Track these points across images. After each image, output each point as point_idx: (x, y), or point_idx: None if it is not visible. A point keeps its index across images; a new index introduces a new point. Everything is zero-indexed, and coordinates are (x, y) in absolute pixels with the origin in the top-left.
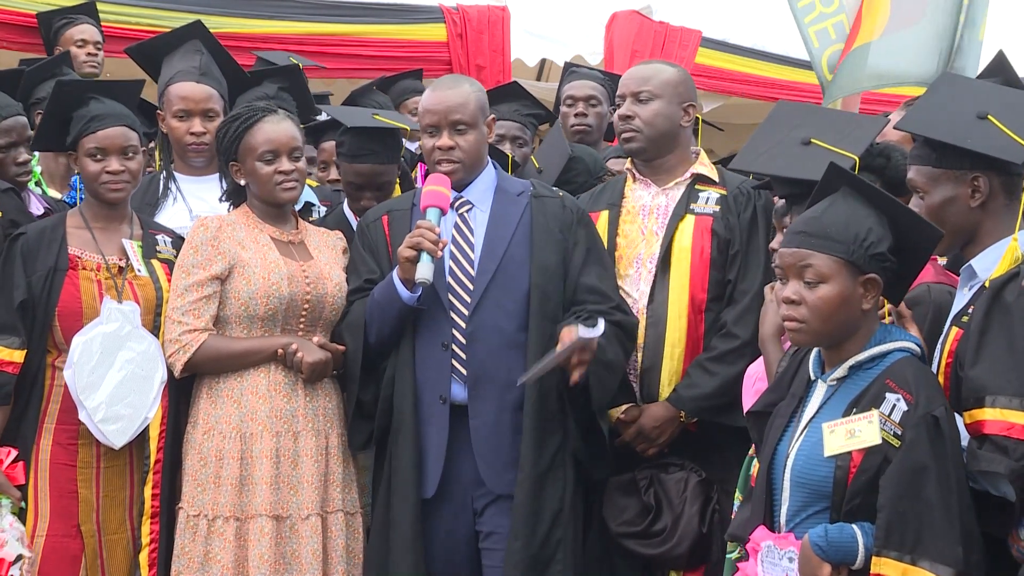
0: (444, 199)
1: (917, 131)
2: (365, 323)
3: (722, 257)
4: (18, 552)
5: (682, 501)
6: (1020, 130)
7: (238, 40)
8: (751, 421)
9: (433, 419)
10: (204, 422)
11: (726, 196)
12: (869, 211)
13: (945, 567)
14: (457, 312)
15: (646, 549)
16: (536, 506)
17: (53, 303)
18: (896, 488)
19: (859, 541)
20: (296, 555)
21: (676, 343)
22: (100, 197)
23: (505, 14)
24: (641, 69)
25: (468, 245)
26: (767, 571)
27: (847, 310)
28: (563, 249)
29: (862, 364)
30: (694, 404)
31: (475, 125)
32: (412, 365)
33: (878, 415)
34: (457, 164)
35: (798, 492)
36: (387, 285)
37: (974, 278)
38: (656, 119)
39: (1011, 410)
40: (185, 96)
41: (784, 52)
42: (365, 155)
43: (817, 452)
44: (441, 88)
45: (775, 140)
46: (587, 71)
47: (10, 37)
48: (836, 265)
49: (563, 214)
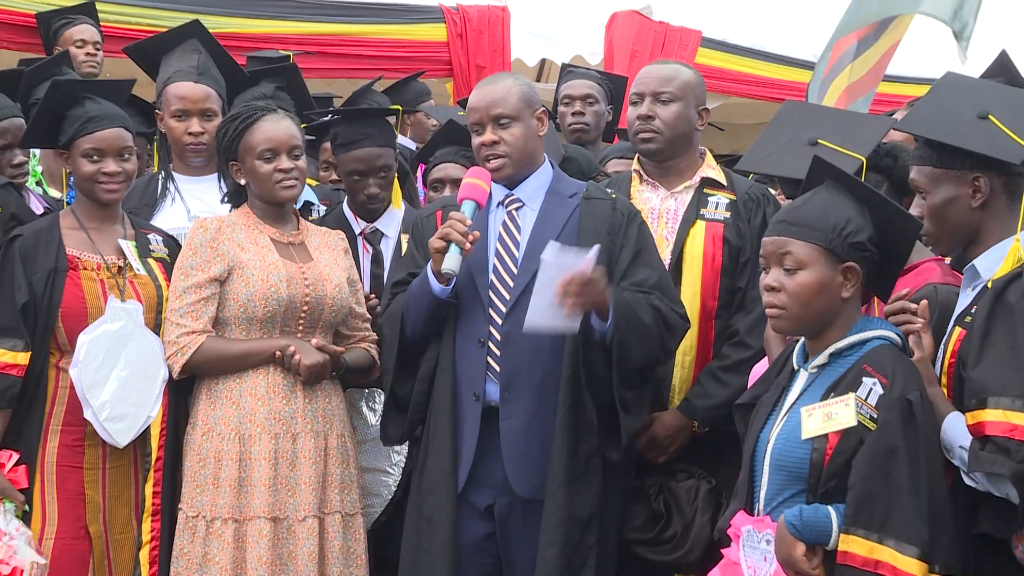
0: (481, 192)
1: (917, 132)
2: (402, 315)
3: (733, 264)
4: (32, 559)
5: (693, 509)
6: (1021, 130)
7: (238, 40)
8: (738, 413)
9: (466, 416)
10: (203, 423)
11: (736, 202)
12: (850, 202)
13: (910, 546)
14: (496, 310)
15: (657, 556)
16: (569, 512)
17: (56, 304)
18: (867, 468)
19: (833, 521)
20: (293, 556)
21: (687, 350)
22: (94, 197)
23: (505, 14)
24: (661, 69)
25: (514, 243)
26: (747, 555)
27: (826, 297)
28: (609, 252)
29: (842, 351)
30: (706, 413)
31: (519, 118)
32: (452, 361)
33: (854, 398)
34: (503, 159)
35: (776, 475)
36: (422, 278)
37: (977, 278)
38: (677, 121)
39: (1014, 411)
40: (183, 96)
41: (784, 52)
42: (361, 140)
43: (795, 435)
44: (483, 85)
45: (782, 140)
46: (584, 71)
47: (10, 37)
48: (815, 252)
49: (613, 216)
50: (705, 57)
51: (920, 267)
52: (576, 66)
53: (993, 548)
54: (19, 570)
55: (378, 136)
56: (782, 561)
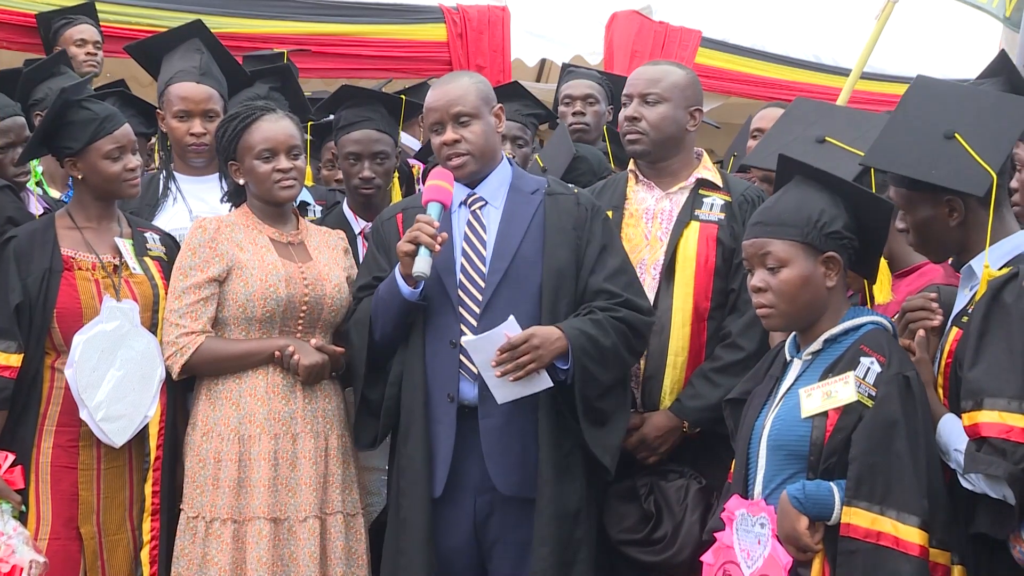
0: (446, 194)
1: (881, 166)
2: (371, 320)
3: (726, 266)
4: (31, 557)
5: (683, 509)
6: (987, 147)
7: (238, 40)
8: (727, 409)
9: (441, 418)
10: (203, 424)
11: (731, 203)
12: (821, 194)
13: (912, 516)
14: (468, 310)
15: (647, 556)
16: (558, 509)
17: (51, 305)
18: (867, 442)
19: (836, 496)
20: (294, 557)
21: (679, 351)
22: (121, 195)
23: (505, 14)
24: (650, 70)
25: (480, 242)
26: (741, 539)
27: (811, 290)
28: (576, 247)
29: (836, 337)
30: (697, 415)
31: (479, 115)
32: (422, 362)
33: (853, 377)
34: (465, 156)
35: (773, 456)
36: (390, 281)
37: (974, 278)
38: (662, 123)
39: (1010, 413)
40: (185, 96)
41: (784, 52)
42: (360, 122)
43: (794, 415)
44: (440, 85)
45: (790, 138)
46: (584, 71)
47: (10, 37)
48: (793, 248)
49: (577, 211)
50: (705, 57)
51: (923, 268)
52: (577, 66)
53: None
54: (18, 568)
55: (378, 121)
56: (784, 536)
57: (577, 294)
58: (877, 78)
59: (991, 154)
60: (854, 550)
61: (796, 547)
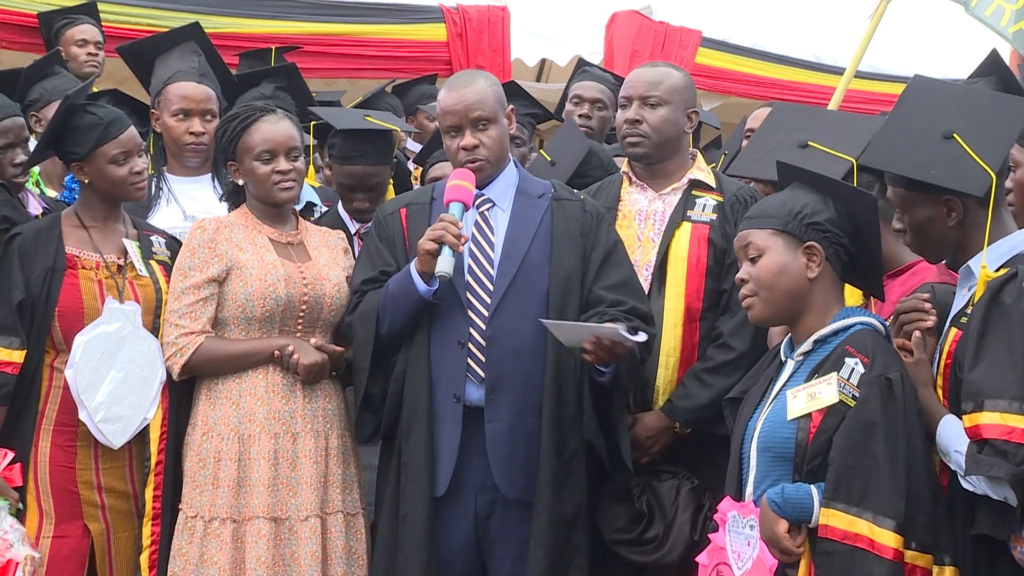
0: (468, 194)
1: (880, 166)
2: (378, 314)
3: (718, 266)
4: (25, 553)
5: (674, 508)
6: (986, 147)
7: (238, 40)
8: (728, 408)
9: (446, 418)
10: (203, 424)
11: (723, 204)
12: (811, 193)
13: (887, 519)
14: (476, 312)
15: (639, 556)
16: (556, 514)
17: (52, 303)
18: (846, 443)
19: (814, 499)
20: (295, 557)
21: (671, 352)
22: (128, 198)
23: (505, 14)
24: (649, 72)
25: (488, 244)
26: (733, 540)
27: (790, 278)
28: (582, 253)
29: (826, 338)
30: (688, 415)
31: (496, 119)
32: (427, 361)
33: (836, 378)
34: (483, 161)
35: (763, 458)
36: (404, 277)
37: (972, 278)
38: (664, 125)
39: (1011, 414)
40: (186, 96)
41: (784, 52)
42: (355, 157)
43: (781, 418)
44: (457, 87)
45: (773, 144)
46: (599, 73)
47: (10, 37)
48: (772, 237)
49: (583, 217)
50: (705, 57)
51: (916, 267)
52: (593, 65)
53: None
54: (14, 563)
55: (373, 155)
56: (766, 539)
57: (583, 300)
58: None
59: (990, 154)
60: (831, 551)
61: (778, 550)
